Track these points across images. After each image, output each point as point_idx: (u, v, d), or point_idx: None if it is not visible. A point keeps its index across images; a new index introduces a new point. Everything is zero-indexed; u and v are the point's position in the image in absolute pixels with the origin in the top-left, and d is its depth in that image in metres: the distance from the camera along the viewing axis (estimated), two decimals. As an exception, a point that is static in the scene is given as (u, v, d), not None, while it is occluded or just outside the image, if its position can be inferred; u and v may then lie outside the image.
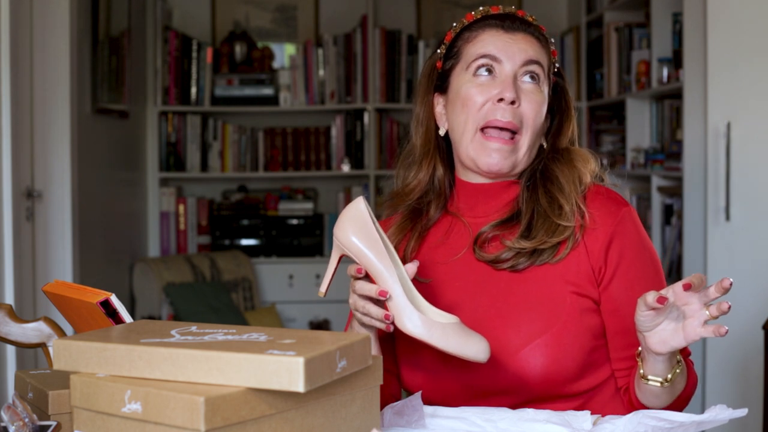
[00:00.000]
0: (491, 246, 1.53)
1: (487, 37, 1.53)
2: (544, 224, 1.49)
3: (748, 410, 1.27)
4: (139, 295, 4.82)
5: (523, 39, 1.53)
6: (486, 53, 1.52)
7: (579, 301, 1.48)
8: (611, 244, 1.49)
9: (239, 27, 5.31)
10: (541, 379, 1.44)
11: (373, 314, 1.35)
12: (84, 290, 1.39)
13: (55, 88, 3.68)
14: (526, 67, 1.52)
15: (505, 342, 1.46)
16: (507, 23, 1.54)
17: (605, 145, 4.72)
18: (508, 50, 1.52)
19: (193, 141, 5.19)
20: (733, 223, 3.29)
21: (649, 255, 1.52)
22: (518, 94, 1.50)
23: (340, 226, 1.36)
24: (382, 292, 1.33)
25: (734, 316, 3.27)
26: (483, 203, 1.57)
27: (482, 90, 1.51)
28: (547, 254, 1.49)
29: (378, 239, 1.35)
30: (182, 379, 1.07)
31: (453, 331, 1.31)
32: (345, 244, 1.36)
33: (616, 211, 1.51)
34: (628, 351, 1.48)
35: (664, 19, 3.97)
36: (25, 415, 1.19)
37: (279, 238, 5.20)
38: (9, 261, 3.14)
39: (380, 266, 1.34)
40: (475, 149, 1.52)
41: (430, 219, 1.60)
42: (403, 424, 1.29)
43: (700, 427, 1.25)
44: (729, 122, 3.26)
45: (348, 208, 1.37)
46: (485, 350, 1.31)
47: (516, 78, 1.51)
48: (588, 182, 1.54)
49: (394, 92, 5.15)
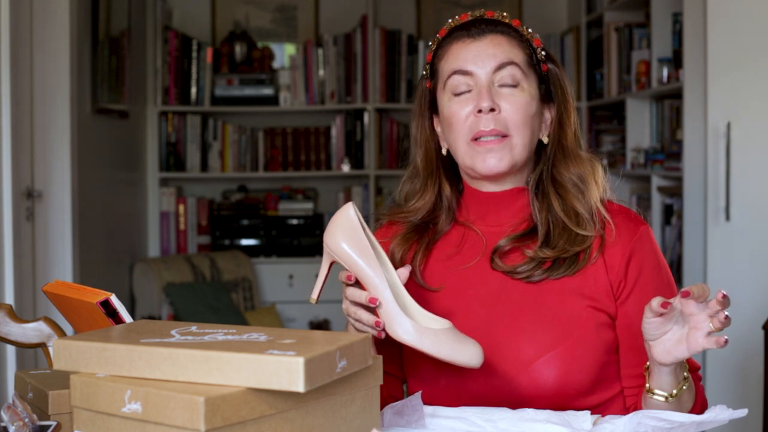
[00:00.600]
0: (509, 257, 1.52)
1: (455, 49, 1.53)
2: (563, 233, 1.49)
3: (748, 410, 1.27)
4: (139, 295, 4.82)
5: (491, 42, 1.52)
6: (456, 69, 1.51)
7: (595, 315, 1.48)
8: (631, 260, 1.49)
9: (239, 27, 5.31)
10: (553, 392, 1.44)
11: (365, 321, 1.35)
12: (84, 290, 1.39)
13: (55, 88, 3.68)
14: (499, 72, 1.50)
15: (517, 353, 1.45)
16: (473, 30, 1.53)
17: (605, 145, 4.72)
18: (477, 59, 1.50)
19: (193, 141, 5.19)
20: (733, 223, 3.29)
21: (665, 274, 1.53)
22: (495, 100, 1.49)
23: (330, 233, 1.36)
24: (372, 299, 1.33)
25: (734, 316, 3.27)
26: (494, 212, 1.56)
27: (462, 105, 1.51)
28: (565, 267, 1.48)
29: (368, 246, 1.34)
30: (182, 379, 1.07)
31: (445, 337, 1.30)
32: (335, 251, 1.35)
33: (635, 228, 1.51)
34: (639, 369, 1.46)
35: (664, 19, 3.97)
36: (25, 415, 1.19)
37: (279, 238, 5.20)
38: (9, 261, 3.14)
39: (370, 273, 1.33)
40: (471, 157, 1.51)
41: (438, 232, 1.59)
42: (403, 424, 1.29)
43: (700, 427, 1.25)
44: (729, 122, 3.26)
45: (337, 215, 1.36)
46: (478, 356, 1.30)
47: (492, 84, 1.50)
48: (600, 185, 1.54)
49: (394, 92, 5.15)
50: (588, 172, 1.54)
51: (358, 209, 1.36)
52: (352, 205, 1.36)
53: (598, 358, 1.47)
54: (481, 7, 1.61)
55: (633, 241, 1.50)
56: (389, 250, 1.58)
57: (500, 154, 1.50)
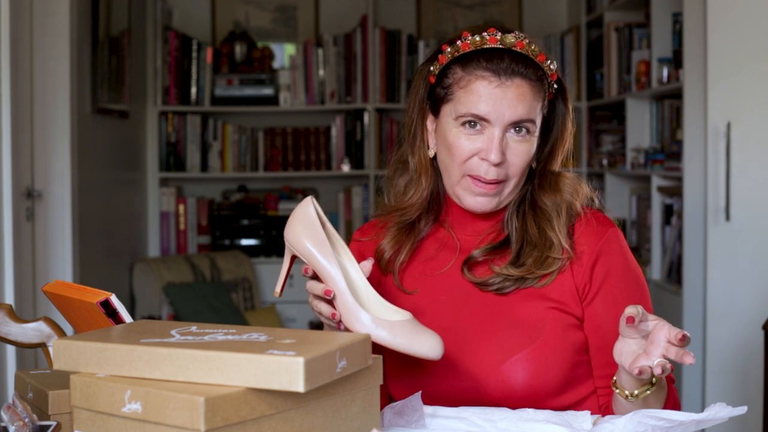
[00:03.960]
0: (480, 269, 1.54)
1: (478, 88, 1.47)
2: (533, 253, 1.50)
3: (748, 410, 1.27)
4: (139, 295, 4.82)
5: (515, 91, 1.47)
6: (476, 114, 1.47)
7: (561, 317, 1.49)
8: (597, 261, 1.50)
9: (239, 27, 5.31)
10: (523, 393, 1.45)
11: (324, 313, 1.37)
12: (84, 290, 1.39)
13: (55, 88, 3.68)
14: (515, 125, 1.48)
15: (486, 356, 1.46)
16: (502, 72, 1.47)
17: (605, 145, 4.72)
18: (498, 109, 1.46)
19: (193, 141, 5.19)
20: (733, 223, 3.29)
21: (634, 276, 1.53)
22: (504, 151, 1.48)
23: (290, 227, 1.38)
24: (327, 291, 1.35)
25: (734, 316, 3.29)
26: (472, 222, 1.57)
27: (469, 142, 1.48)
28: (531, 281, 1.50)
29: (324, 239, 1.36)
30: (182, 379, 1.07)
31: (402, 328, 1.31)
32: (293, 244, 1.38)
33: (602, 231, 1.52)
34: (610, 369, 1.46)
35: (664, 19, 3.97)
36: (25, 415, 1.19)
37: (279, 238, 5.17)
38: (9, 261, 3.14)
39: (326, 265, 1.35)
40: (462, 190, 1.52)
41: (421, 231, 1.60)
42: (403, 424, 1.29)
43: (699, 425, 1.25)
44: (729, 122, 3.26)
45: (296, 210, 1.38)
46: (437, 347, 1.30)
47: (504, 133, 1.48)
48: (579, 211, 1.54)
49: (394, 92, 5.15)
50: (567, 198, 1.54)
51: (317, 203, 1.38)
52: (311, 200, 1.38)
53: (568, 358, 1.48)
54: (481, 7, 1.59)
55: (600, 243, 1.51)
56: (378, 248, 1.59)
57: (490, 198, 1.51)
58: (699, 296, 3.45)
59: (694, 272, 3.50)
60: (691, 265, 3.53)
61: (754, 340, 3.11)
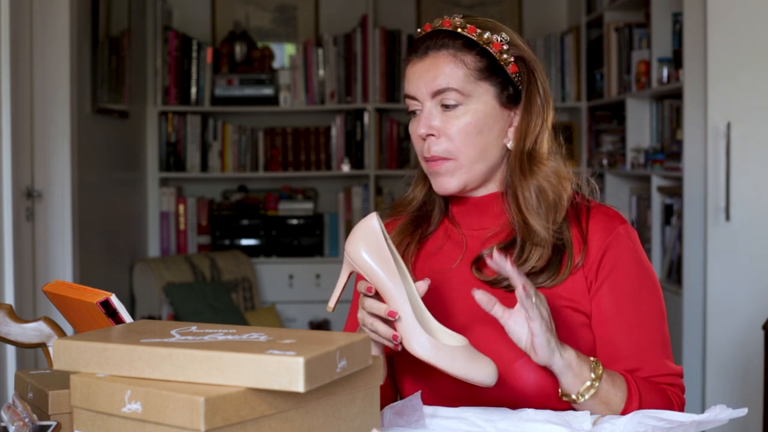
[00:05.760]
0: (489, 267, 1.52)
1: (407, 74, 1.53)
2: (532, 248, 1.49)
3: (748, 410, 1.27)
4: (139, 295, 4.82)
5: (431, 65, 1.49)
6: (406, 92, 1.53)
7: (573, 315, 1.49)
8: (605, 255, 1.49)
9: (239, 27, 5.31)
10: (535, 392, 1.44)
11: (382, 333, 1.34)
12: (84, 290, 1.39)
13: (55, 88, 3.68)
14: (436, 98, 1.49)
15: (498, 354, 1.45)
16: (421, 49, 1.51)
17: (605, 145, 4.72)
18: (419, 84, 1.50)
19: (193, 141, 5.19)
20: (733, 223, 3.29)
21: (645, 272, 1.51)
22: (435, 124, 1.49)
23: (352, 243, 1.34)
24: (391, 313, 1.32)
25: (734, 316, 3.29)
26: (476, 216, 1.56)
27: (415, 126, 1.52)
28: (543, 278, 1.48)
29: (390, 258, 1.32)
30: (182, 379, 1.07)
31: (461, 354, 1.30)
32: (356, 262, 1.33)
33: (613, 227, 1.51)
34: (613, 365, 1.46)
35: (664, 19, 3.97)
36: (25, 415, 1.19)
37: (279, 238, 5.20)
38: (9, 261, 3.14)
39: (391, 286, 1.32)
40: (429, 175, 1.54)
41: (431, 225, 1.60)
42: (403, 424, 1.29)
43: (700, 426, 1.25)
44: (729, 122, 3.26)
45: (360, 225, 1.34)
46: (492, 375, 1.30)
47: (434, 107, 1.50)
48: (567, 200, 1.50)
49: (394, 92, 5.15)
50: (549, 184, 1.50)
51: (381, 220, 1.34)
52: (375, 216, 1.34)
53: None
54: (481, 7, 1.59)
55: (609, 238, 1.50)
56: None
57: (448, 176, 1.51)
58: (699, 296, 3.45)
59: (694, 272, 3.50)
60: (691, 265, 3.53)
61: (754, 340, 3.11)
